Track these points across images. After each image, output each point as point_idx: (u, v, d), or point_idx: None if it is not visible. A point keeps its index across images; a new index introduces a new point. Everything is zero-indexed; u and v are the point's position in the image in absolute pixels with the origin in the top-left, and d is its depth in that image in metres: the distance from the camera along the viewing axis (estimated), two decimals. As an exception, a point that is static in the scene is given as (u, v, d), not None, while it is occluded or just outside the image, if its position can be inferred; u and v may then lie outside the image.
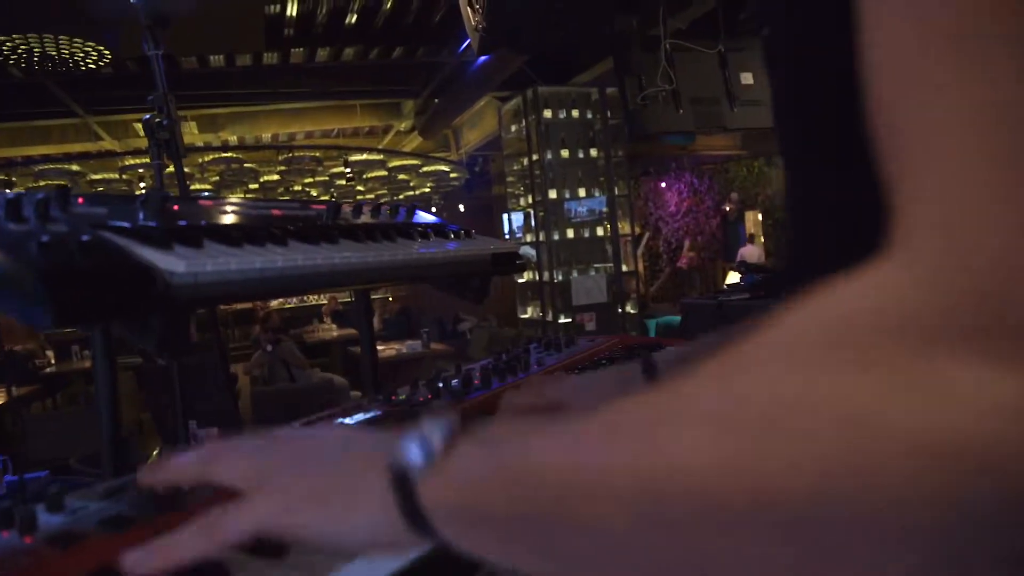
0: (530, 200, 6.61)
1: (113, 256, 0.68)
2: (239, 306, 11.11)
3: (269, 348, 5.96)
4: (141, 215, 0.83)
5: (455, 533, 0.38)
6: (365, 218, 1.12)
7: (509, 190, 7.25)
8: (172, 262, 0.68)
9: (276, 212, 1.00)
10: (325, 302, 10.11)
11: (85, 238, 0.66)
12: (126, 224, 0.74)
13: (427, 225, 1.12)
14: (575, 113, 6.52)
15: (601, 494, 0.31)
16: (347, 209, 1.11)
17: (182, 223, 0.87)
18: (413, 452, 0.39)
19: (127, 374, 6.61)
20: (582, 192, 6.58)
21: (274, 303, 11.19)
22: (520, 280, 6.88)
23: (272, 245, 0.82)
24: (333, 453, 0.45)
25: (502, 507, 0.36)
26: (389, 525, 0.40)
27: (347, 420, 0.86)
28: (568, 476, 0.33)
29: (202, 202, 0.96)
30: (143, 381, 6.34)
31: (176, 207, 0.90)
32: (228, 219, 0.93)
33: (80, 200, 0.80)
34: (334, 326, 8.73)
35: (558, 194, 6.46)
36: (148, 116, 1.55)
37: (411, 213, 1.18)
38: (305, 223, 0.99)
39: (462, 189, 10.59)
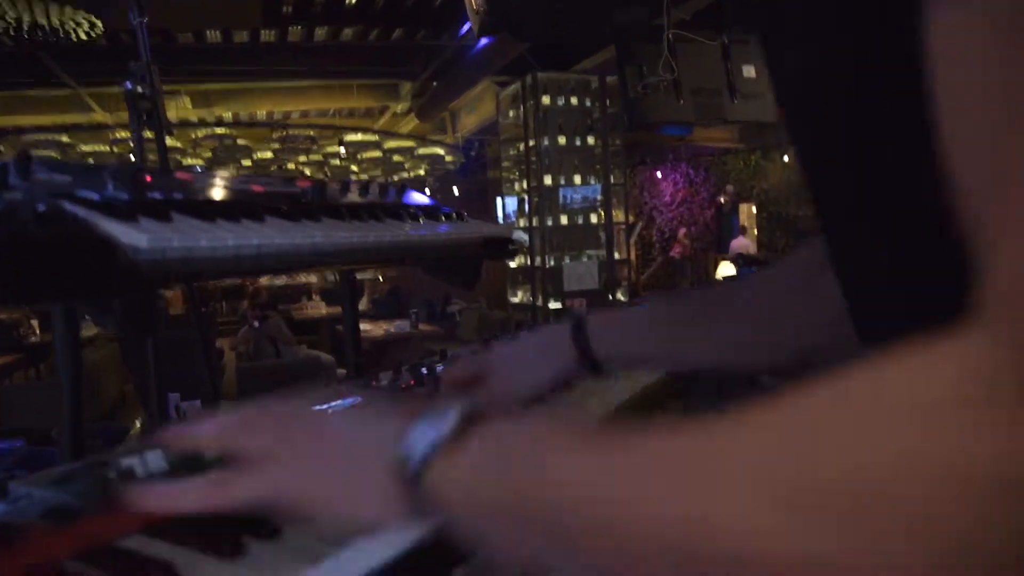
0: (525, 185, 6.55)
1: (72, 228, 0.63)
2: (227, 281, 11.04)
3: (256, 324, 5.91)
4: (110, 186, 0.79)
5: (460, 528, 0.38)
6: (352, 197, 1.07)
7: (504, 175, 7.18)
8: (135, 236, 0.63)
9: (257, 188, 0.95)
10: (315, 279, 10.04)
11: (41, 207, 0.61)
12: (89, 194, 0.70)
13: (417, 206, 1.07)
14: (574, 100, 6.45)
15: (627, 535, 0.30)
16: (334, 187, 1.06)
17: (156, 196, 0.83)
18: (422, 445, 0.39)
19: (112, 346, 6.54)
20: (577, 179, 6.53)
21: (263, 279, 11.12)
22: (512, 264, 6.83)
23: (248, 221, 0.77)
24: (349, 435, 0.45)
25: (513, 521, 0.36)
26: (392, 513, 0.41)
27: (323, 406, 0.82)
28: (592, 510, 0.31)
29: (178, 175, 0.91)
30: (127, 353, 6.28)
31: (149, 179, 0.85)
32: (205, 194, 0.88)
33: (44, 168, 0.75)
34: (323, 303, 8.67)
35: (553, 180, 6.40)
36: (129, 85, 1.48)
37: (401, 193, 1.13)
38: (288, 200, 0.94)
39: (457, 172, 10.52)
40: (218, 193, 0.88)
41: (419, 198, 1.18)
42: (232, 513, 0.57)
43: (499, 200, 7.67)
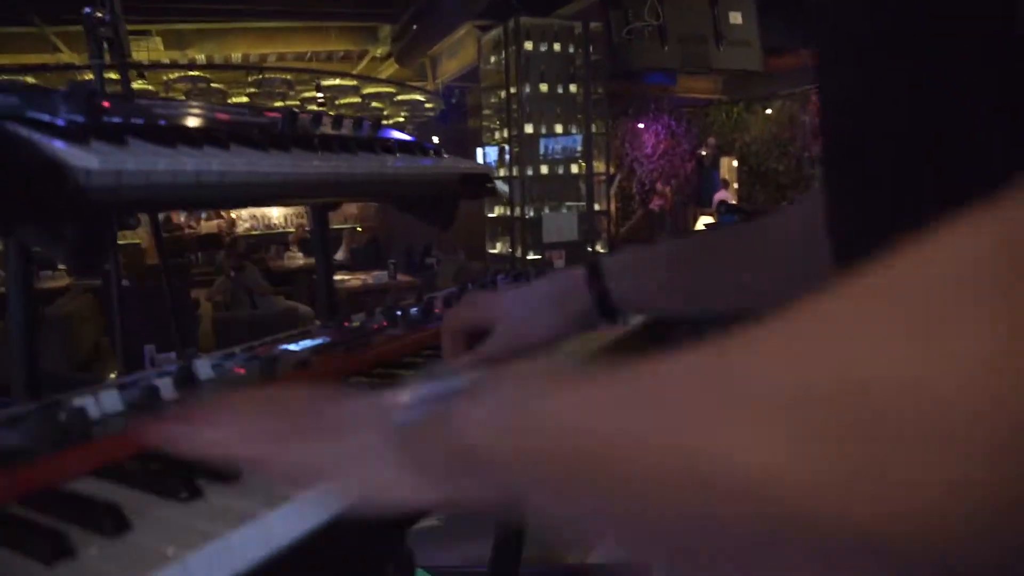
0: (506, 134, 6.46)
1: (17, 149, 0.58)
2: (205, 231, 10.87)
3: (232, 274, 5.84)
4: (63, 110, 0.73)
5: (469, 491, 0.37)
6: (325, 129, 1.02)
7: (485, 123, 7.07)
8: (85, 158, 0.58)
9: (222, 116, 0.90)
10: (293, 230, 9.94)
11: (-20, 125, 0.56)
12: (38, 116, 0.64)
13: (392, 140, 1.02)
14: (557, 47, 6.33)
15: (639, 470, 0.27)
16: (305, 118, 1.01)
17: (113, 121, 0.77)
18: (422, 411, 0.39)
19: (86, 296, 6.44)
20: (559, 128, 6.44)
21: (240, 229, 10.97)
22: (491, 215, 6.79)
23: (212, 148, 0.72)
24: (349, 412, 0.44)
25: (514, 473, 0.34)
26: (407, 487, 0.39)
27: (294, 346, 0.79)
28: (599, 445, 0.29)
29: (138, 101, 0.85)
30: (104, 304, 6.20)
31: (107, 104, 0.80)
32: (166, 121, 0.83)
33: (-12, 87, 0.69)
34: (300, 254, 8.59)
35: (534, 129, 6.32)
36: (88, 9, 1.39)
37: (376, 127, 1.08)
38: (257, 130, 0.89)
39: (437, 120, 10.36)
40: (180, 120, 0.83)
41: (395, 133, 1.12)
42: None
43: (479, 150, 7.58)
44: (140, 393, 0.60)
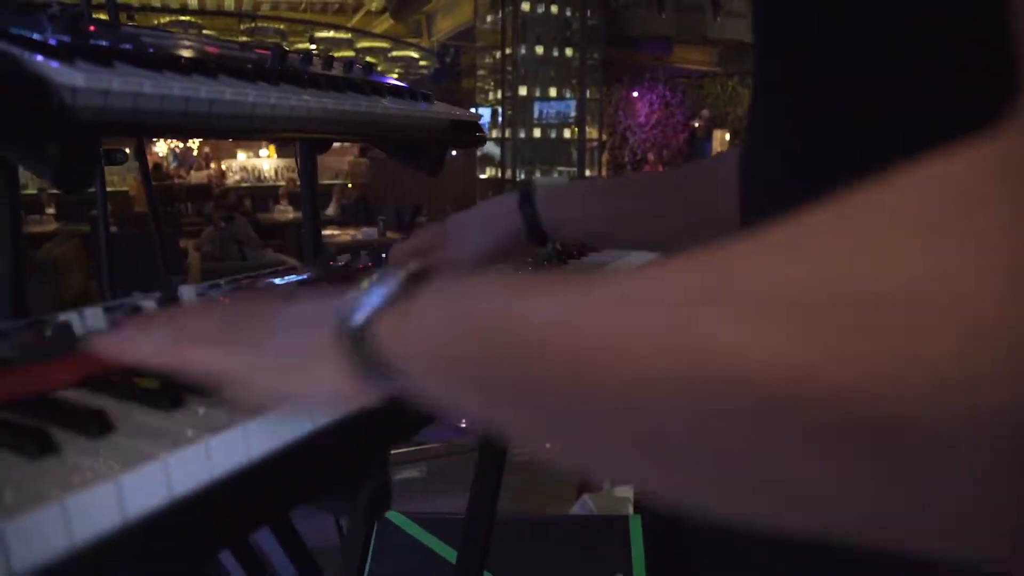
0: (499, 96, 6.43)
1: None
2: (195, 181, 10.78)
3: (222, 224, 5.82)
4: (49, 29, 0.72)
5: (417, 387, 0.35)
6: (315, 69, 1.01)
7: (479, 84, 7.03)
8: (70, 75, 0.58)
9: (212, 49, 0.89)
10: (283, 183, 9.88)
11: (-38, 37, 0.55)
12: (21, 32, 0.64)
13: (383, 83, 1.02)
14: (554, 9, 6.28)
15: (610, 370, 0.26)
16: (295, 57, 1.00)
17: (101, 44, 0.77)
18: (366, 305, 0.37)
19: (74, 240, 6.39)
20: (553, 92, 6.41)
21: (230, 181, 10.87)
22: (482, 176, 6.78)
23: (200, 76, 0.72)
24: (293, 313, 0.44)
25: (472, 357, 0.32)
26: (343, 382, 0.38)
27: (280, 280, 0.79)
28: (570, 342, 0.27)
29: (125, 28, 0.84)
30: (92, 248, 6.15)
31: (93, 28, 0.79)
32: (154, 48, 0.82)
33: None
34: (290, 208, 8.54)
35: (528, 92, 6.29)
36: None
37: (368, 70, 1.08)
38: (247, 64, 0.88)
39: (430, 79, 10.26)
40: (168, 50, 0.82)
41: (387, 78, 1.12)
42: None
43: (473, 111, 7.53)
44: (124, 313, 0.61)
